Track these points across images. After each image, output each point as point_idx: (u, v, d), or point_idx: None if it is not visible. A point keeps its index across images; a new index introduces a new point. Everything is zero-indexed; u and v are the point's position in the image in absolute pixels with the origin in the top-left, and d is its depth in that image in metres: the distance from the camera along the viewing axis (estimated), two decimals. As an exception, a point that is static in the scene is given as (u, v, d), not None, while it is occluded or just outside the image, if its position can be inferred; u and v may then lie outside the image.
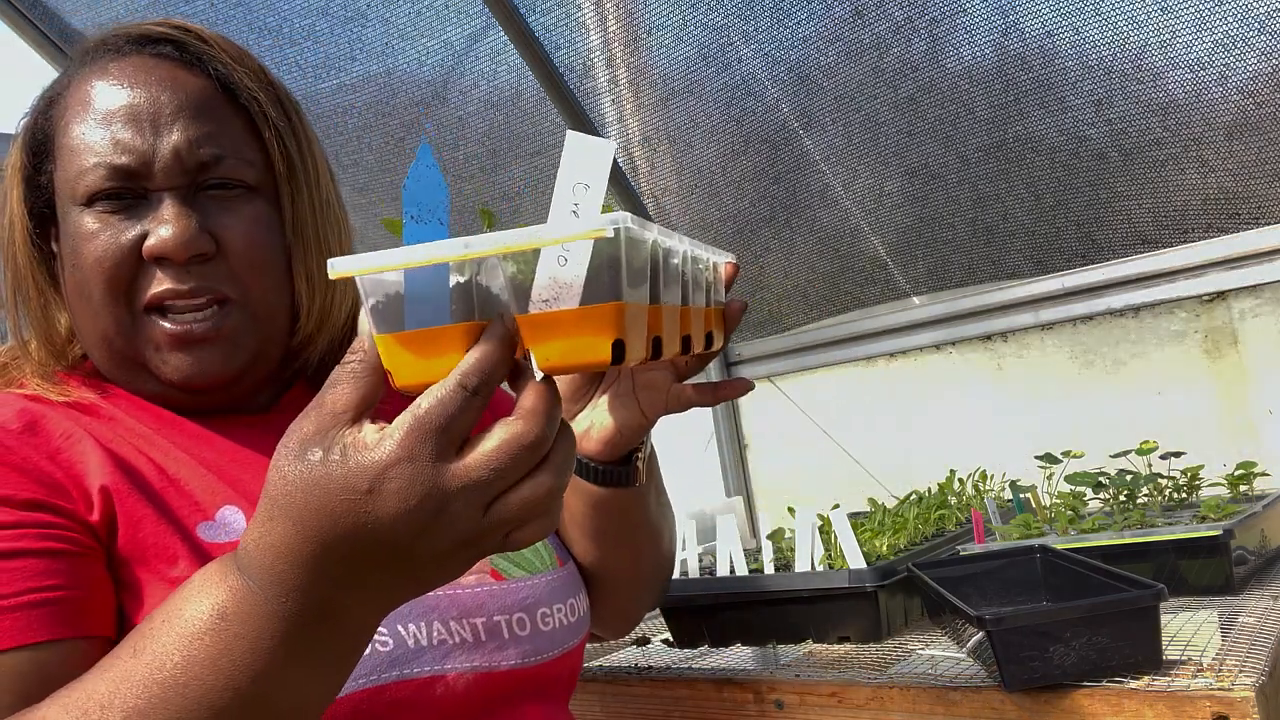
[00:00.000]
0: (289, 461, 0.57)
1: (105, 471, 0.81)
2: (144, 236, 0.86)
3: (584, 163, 0.59)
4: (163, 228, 0.85)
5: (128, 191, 0.87)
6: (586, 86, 2.30)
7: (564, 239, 0.55)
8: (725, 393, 0.95)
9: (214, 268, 0.88)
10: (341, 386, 0.58)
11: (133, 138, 0.86)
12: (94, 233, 0.86)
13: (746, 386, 0.93)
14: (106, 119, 0.87)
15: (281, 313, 0.93)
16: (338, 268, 0.57)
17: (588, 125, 2.33)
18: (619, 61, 2.25)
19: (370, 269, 0.56)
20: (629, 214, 0.56)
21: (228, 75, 0.91)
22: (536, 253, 0.56)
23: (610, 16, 2.18)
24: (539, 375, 0.59)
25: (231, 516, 0.84)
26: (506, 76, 2.30)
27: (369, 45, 2.31)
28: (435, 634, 0.87)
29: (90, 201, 0.87)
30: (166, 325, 0.86)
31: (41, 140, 0.91)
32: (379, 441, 0.55)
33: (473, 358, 0.56)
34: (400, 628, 0.85)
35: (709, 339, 0.81)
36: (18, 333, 0.94)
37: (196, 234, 0.86)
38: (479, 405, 0.56)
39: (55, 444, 0.82)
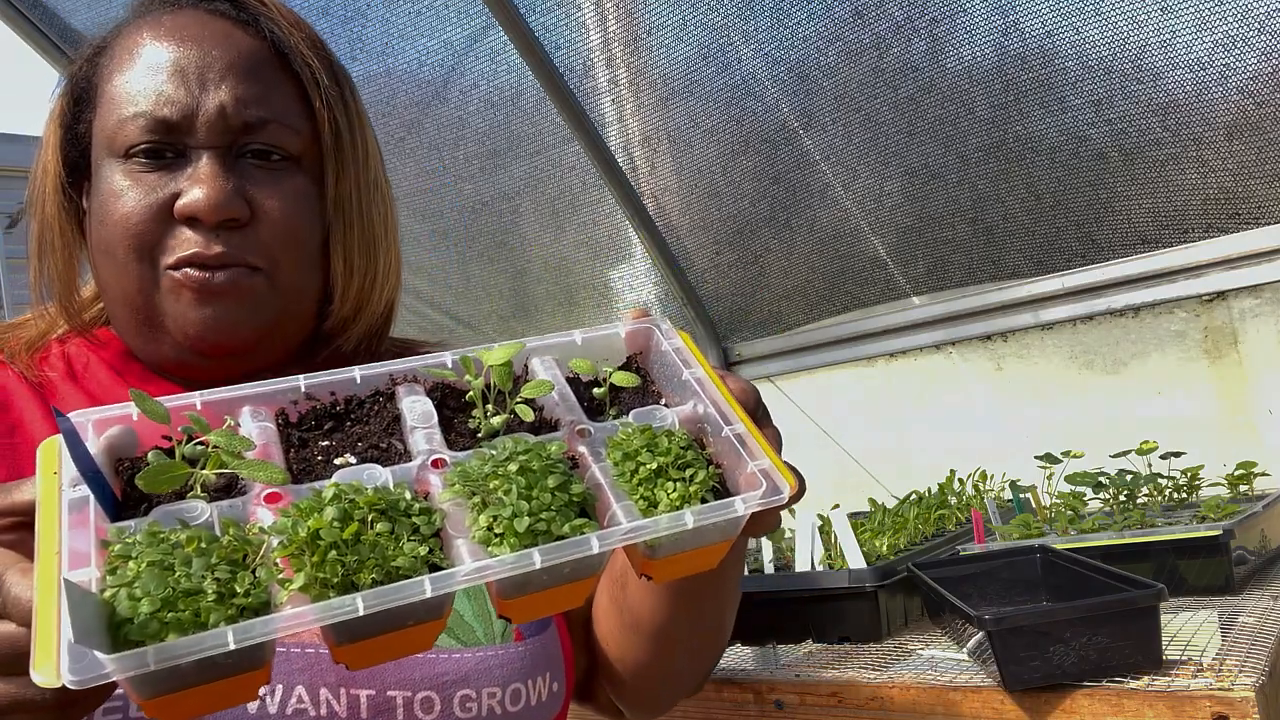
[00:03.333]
0: None
1: None
2: (176, 195, 0.81)
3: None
4: (197, 187, 0.81)
5: (167, 147, 0.82)
6: (586, 86, 2.30)
7: None
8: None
9: (245, 236, 0.83)
10: None
11: (177, 90, 0.82)
12: (125, 189, 0.82)
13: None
14: (153, 70, 0.82)
15: (310, 293, 0.88)
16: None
17: (588, 125, 2.33)
18: (619, 61, 2.25)
19: None
20: None
21: (283, 38, 0.87)
22: None
23: (610, 16, 2.18)
24: None
25: None
26: (506, 76, 2.30)
27: (369, 45, 2.31)
28: (292, 702, 0.73)
29: (127, 155, 0.82)
30: (190, 278, 0.81)
31: (84, 87, 0.87)
32: None
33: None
34: (302, 689, 0.73)
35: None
36: (39, 292, 0.90)
37: (231, 197, 0.81)
38: None
39: None
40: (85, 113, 0.87)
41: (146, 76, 0.83)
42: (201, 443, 0.60)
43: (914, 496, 1.92)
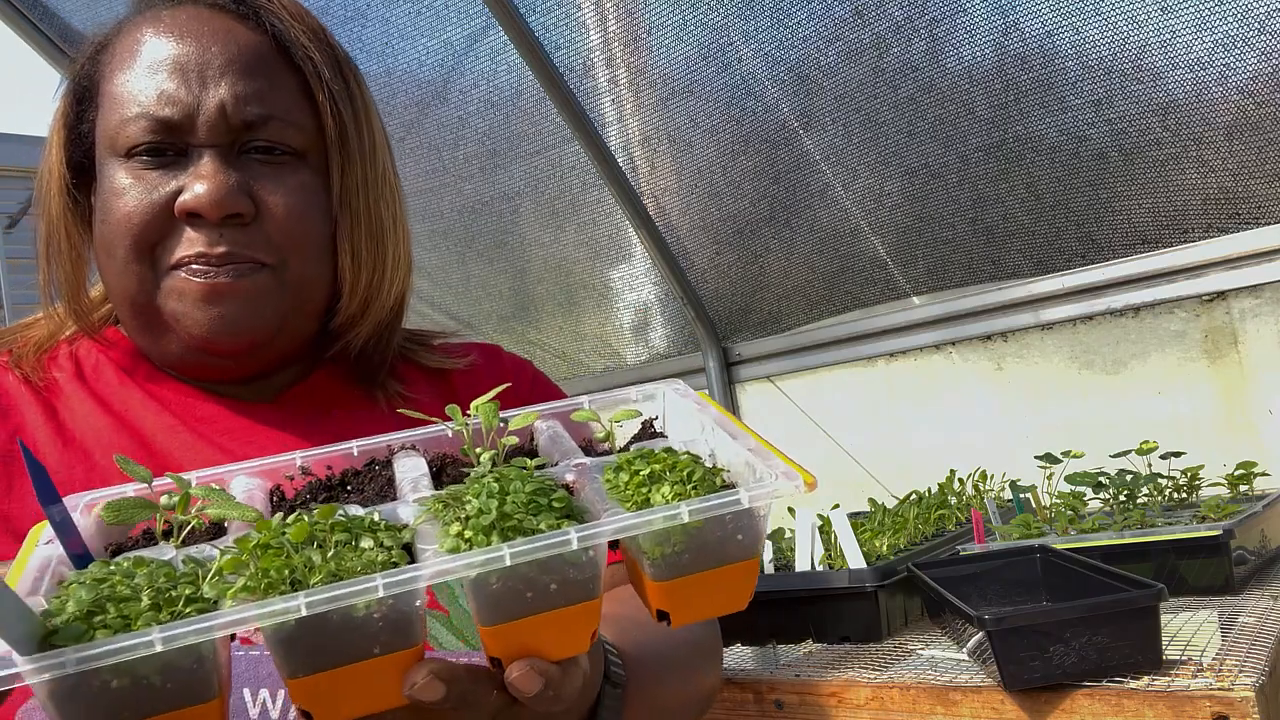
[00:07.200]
0: None
1: None
2: (178, 193, 0.81)
3: None
4: (198, 184, 0.80)
5: (168, 146, 0.82)
6: (586, 86, 2.29)
7: None
8: None
9: (250, 233, 0.82)
10: None
11: (178, 89, 0.81)
12: (126, 187, 0.81)
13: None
14: (153, 68, 0.82)
15: (319, 289, 0.88)
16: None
17: (588, 125, 2.33)
18: (619, 61, 2.25)
19: None
20: None
21: (284, 32, 0.86)
22: None
23: (610, 16, 2.18)
24: None
25: None
26: (506, 76, 2.30)
27: (369, 45, 2.31)
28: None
29: (129, 154, 0.82)
30: (195, 278, 0.81)
31: (86, 86, 0.87)
32: None
33: None
34: (247, 692, 0.69)
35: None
36: (47, 293, 0.90)
37: (234, 192, 0.81)
38: None
39: None
40: (88, 112, 0.87)
41: (147, 75, 0.82)
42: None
43: (914, 496, 1.91)
